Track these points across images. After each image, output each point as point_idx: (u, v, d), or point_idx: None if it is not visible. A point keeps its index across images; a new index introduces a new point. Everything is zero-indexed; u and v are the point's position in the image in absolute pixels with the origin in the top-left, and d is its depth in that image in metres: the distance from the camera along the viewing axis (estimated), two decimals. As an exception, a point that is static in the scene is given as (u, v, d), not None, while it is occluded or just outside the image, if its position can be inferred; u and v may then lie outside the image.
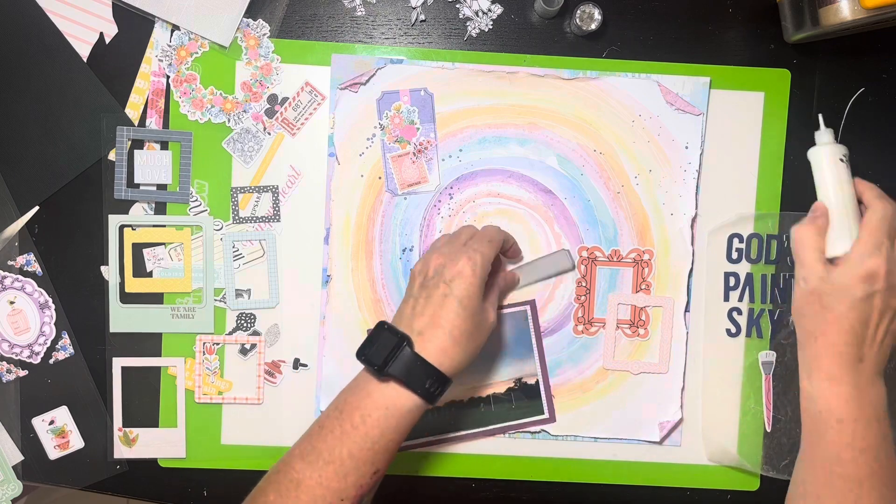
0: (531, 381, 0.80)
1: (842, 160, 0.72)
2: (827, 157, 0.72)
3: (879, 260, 0.66)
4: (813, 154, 0.73)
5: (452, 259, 0.69)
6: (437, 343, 0.67)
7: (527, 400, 0.80)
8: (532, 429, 0.80)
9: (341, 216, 0.79)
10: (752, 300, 0.80)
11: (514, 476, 0.81)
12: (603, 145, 0.79)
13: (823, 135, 0.73)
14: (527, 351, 0.80)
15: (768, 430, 0.80)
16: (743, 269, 0.80)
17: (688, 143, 0.79)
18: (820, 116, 0.74)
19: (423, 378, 0.66)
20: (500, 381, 0.81)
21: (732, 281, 0.80)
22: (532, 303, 0.80)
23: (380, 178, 0.79)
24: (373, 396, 0.67)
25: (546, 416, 0.81)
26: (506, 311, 0.80)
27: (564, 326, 0.81)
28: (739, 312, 0.80)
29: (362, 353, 0.68)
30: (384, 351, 0.67)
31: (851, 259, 0.67)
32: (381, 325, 0.69)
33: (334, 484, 0.65)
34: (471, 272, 0.68)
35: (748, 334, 0.80)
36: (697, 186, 0.79)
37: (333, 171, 0.79)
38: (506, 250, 0.77)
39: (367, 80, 0.78)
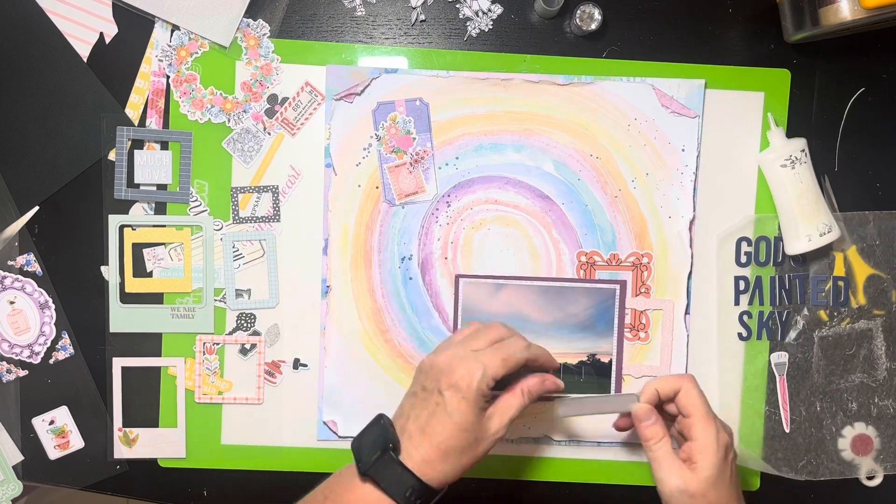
0: (605, 360, 0.80)
1: (785, 164, 0.76)
2: (767, 166, 0.78)
3: (725, 434, 0.68)
4: (759, 161, 0.79)
5: (453, 366, 0.66)
6: (422, 453, 0.65)
7: (596, 377, 0.80)
8: (535, 434, 0.80)
9: (339, 226, 0.79)
10: (761, 303, 0.80)
11: (514, 476, 0.81)
12: (599, 150, 0.79)
13: (772, 136, 0.78)
14: (607, 328, 0.80)
15: (787, 431, 0.80)
16: (752, 272, 0.80)
17: (684, 146, 0.79)
18: (770, 116, 0.78)
19: (404, 486, 0.64)
20: (573, 352, 0.80)
21: (742, 285, 0.80)
22: (623, 283, 0.80)
23: (377, 187, 0.79)
24: (354, 493, 0.65)
25: None
26: (595, 285, 0.79)
27: (564, 327, 0.81)
28: (750, 316, 0.80)
29: (355, 444, 0.67)
30: (373, 449, 0.65)
31: (714, 446, 0.68)
32: (379, 419, 0.68)
33: None
34: (466, 386, 0.64)
35: (759, 337, 0.80)
36: (695, 188, 0.79)
37: (330, 181, 0.79)
38: (535, 365, 0.71)
39: (362, 91, 0.78)
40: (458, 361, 0.66)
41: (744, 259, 0.80)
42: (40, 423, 0.80)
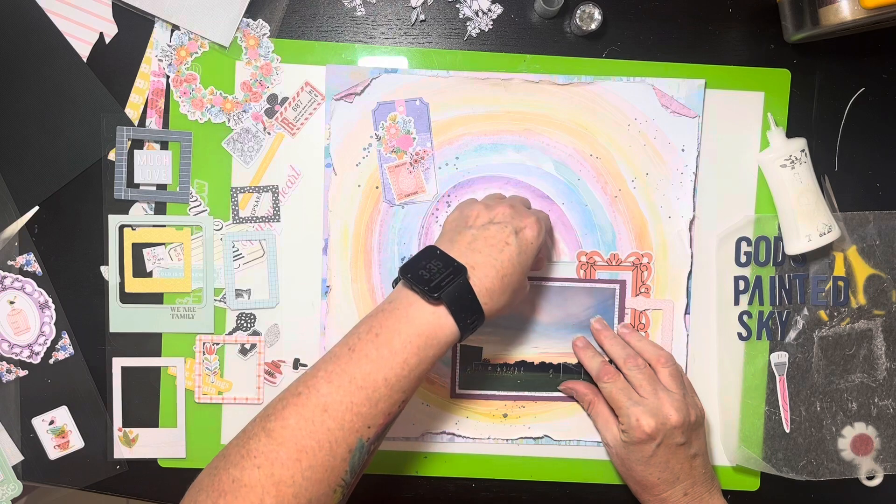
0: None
1: (785, 164, 0.76)
2: (767, 166, 0.78)
3: (647, 422, 0.73)
4: (759, 161, 0.79)
5: (522, 215, 0.69)
6: (486, 283, 0.65)
7: None
8: (535, 434, 0.80)
9: (339, 226, 0.79)
10: (761, 303, 0.80)
11: (514, 476, 0.81)
12: (599, 150, 0.79)
13: (772, 136, 0.78)
14: None
15: (787, 431, 0.80)
16: (752, 272, 0.80)
17: (684, 146, 0.79)
18: (770, 116, 0.78)
19: (469, 312, 0.64)
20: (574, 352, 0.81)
21: (742, 285, 0.80)
22: (622, 283, 0.80)
23: (377, 187, 0.79)
24: (415, 323, 0.63)
25: None
26: (595, 285, 0.80)
27: (564, 327, 0.81)
28: (750, 316, 0.80)
29: (409, 272, 0.65)
30: (437, 275, 0.64)
31: (628, 433, 0.74)
32: (433, 250, 0.67)
33: (364, 409, 0.61)
34: (535, 234, 0.68)
35: (759, 337, 0.80)
36: (695, 189, 0.79)
37: (330, 181, 0.79)
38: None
39: (362, 91, 0.78)
40: (525, 213, 0.70)
41: (744, 259, 0.80)
42: (40, 423, 0.80)
